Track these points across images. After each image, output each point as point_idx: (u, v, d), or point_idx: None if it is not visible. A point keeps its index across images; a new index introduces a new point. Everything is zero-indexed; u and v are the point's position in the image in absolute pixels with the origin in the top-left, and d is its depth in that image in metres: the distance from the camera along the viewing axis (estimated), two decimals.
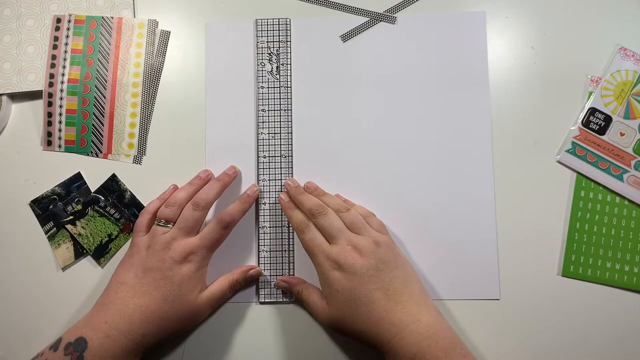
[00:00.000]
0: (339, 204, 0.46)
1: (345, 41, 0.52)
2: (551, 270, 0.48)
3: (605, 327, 0.47)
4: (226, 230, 0.47)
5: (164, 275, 0.43)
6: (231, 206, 0.47)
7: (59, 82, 0.52)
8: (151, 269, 0.44)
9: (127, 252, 0.46)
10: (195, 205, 0.46)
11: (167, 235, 0.45)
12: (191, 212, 0.46)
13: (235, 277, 0.47)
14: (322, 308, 0.44)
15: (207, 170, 0.50)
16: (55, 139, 0.52)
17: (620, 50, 0.51)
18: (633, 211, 0.49)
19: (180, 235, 0.45)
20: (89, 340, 0.41)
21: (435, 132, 0.51)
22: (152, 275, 0.43)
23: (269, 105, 0.52)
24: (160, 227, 0.45)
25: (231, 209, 0.47)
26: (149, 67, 0.53)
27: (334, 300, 0.42)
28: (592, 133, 0.50)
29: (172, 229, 0.45)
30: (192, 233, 0.46)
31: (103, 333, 0.42)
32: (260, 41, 0.53)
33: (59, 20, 0.53)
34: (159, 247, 0.44)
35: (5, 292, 0.50)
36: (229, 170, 0.49)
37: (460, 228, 0.49)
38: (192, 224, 0.46)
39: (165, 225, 0.46)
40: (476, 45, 0.52)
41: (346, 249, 0.42)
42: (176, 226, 0.45)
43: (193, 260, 0.45)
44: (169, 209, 0.46)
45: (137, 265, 0.44)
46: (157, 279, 0.43)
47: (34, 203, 0.51)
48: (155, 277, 0.43)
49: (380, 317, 0.40)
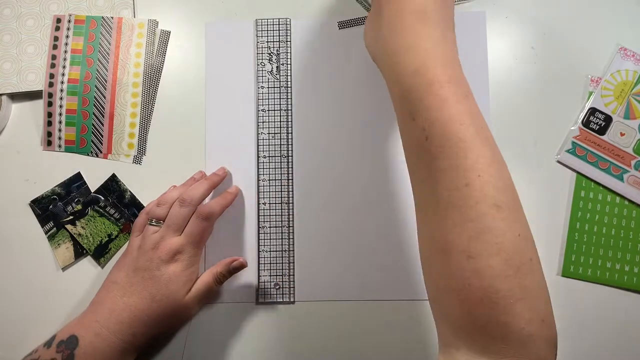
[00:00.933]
0: None
1: (341, 28, 0.52)
2: (551, 270, 0.48)
3: (605, 327, 0.47)
4: (206, 222, 0.47)
5: (152, 275, 0.44)
6: (211, 200, 0.48)
7: (59, 82, 0.52)
8: (140, 268, 0.44)
9: (124, 252, 0.47)
10: (182, 201, 0.46)
11: (156, 234, 0.45)
12: (178, 210, 0.46)
13: (218, 269, 0.48)
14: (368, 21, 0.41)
15: (201, 172, 0.50)
16: (55, 139, 0.52)
17: (620, 50, 0.51)
18: (633, 211, 0.49)
19: (168, 234, 0.45)
20: (80, 339, 0.42)
21: None
22: (141, 275, 0.44)
23: (269, 105, 0.52)
24: (152, 227, 0.46)
25: (211, 202, 0.48)
26: (149, 67, 0.53)
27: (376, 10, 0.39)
28: (592, 133, 0.50)
29: (161, 227, 0.46)
30: (180, 231, 0.46)
31: (93, 331, 0.42)
32: (260, 41, 0.53)
33: (59, 20, 0.53)
34: (148, 247, 0.45)
35: (5, 292, 0.50)
36: (219, 171, 0.50)
37: None
38: (179, 221, 0.46)
39: (157, 224, 0.46)
40: (476, 45, 0.52)
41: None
42: (165, 224, 0.46)
43: (180, 259, 0.45)
44: (159, 208, 0.47)
45: (128, 265, 0.45)
46: (145, 278, 0.44)
47: (34, 203, 0.51)
48: (144, 277, 0.44)
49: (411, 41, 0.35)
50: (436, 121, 0.33)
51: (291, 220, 0.50)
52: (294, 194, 0.51)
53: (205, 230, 0.47)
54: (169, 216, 0.46)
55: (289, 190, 0.51)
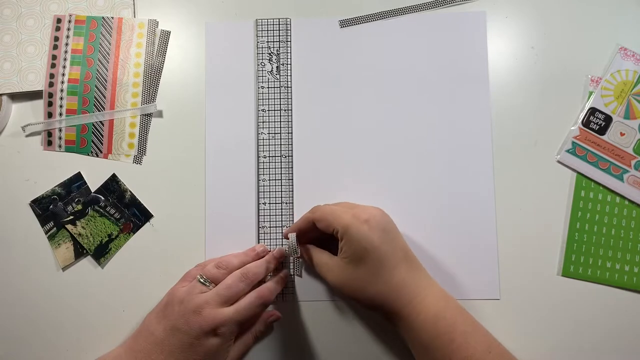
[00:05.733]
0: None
1: (343, 27, 0.52)
2: (551, 270, 0.48)
3: (605, 327, 0.47)
4: (264, 309, 0.45)
5: (191, 342, 0.42)
6: (272, 283, 0.46)
7: (59, 82, 0.52)
8: (179, 330, 0.42)
9: (164, 297, 0.45)
10: (244, 276, 0.45)
11: (202, 296, 0.43)
12: (237, 282, 0.44)
13: (258, 327, 0.47)
14: (337, 267, 0.43)
15: (263, 246, 0.49)
16: (55, 139, 0.52)
17: (621, 50, 0.51)
18: (633, 211, 0.49)
19: (215, 302, 0.43)
20: None
21: (435, 131, 0.51)
22: (180, 337, 0.42)
23: (269, 105, 0.52)
24: (200, 285, 0.44)
25: (272, 289, 0.46)
26: (149, 67, 0.53)
27: (357, 259, 0.42)
28: (592, 133, 0.50)
29: (210, 290, 0.44)
30: (228, 303, 0.43)
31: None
32: (260, 41, 0.53)
33: (59, 20, 0.53)
34: (190, 308, 0.42)
35: (5, 292, 0.50)
36: (276, 254, 0.48)
37: (461, 228, 0.49)
38: (232, 294, 0.44)
39: (207, 284, 0.44)
40: (476, 45, 0.52)
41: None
42: (215, 290, 0.44)
43: (221, 334, 0.42)
44: (217, 270, 0.45)
45: (167, 319, 0.43)
46: (184, 342, 0.42)
47: (34, 203, 0.51)
48: (182, 340, 0.42)
49: (401, 279, 0.42)
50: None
51: (291, 220, 0.50)
52: (294, 194, 0.51)
53: (258, 316, 0.47)
54: (225, 285, 0.44)
55: (289, 190, 0.51)
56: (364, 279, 0.42)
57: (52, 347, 0.49)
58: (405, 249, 0.43)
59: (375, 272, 0.41)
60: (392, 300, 0.41)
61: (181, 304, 0.43)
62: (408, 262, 0.43)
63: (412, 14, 0.53)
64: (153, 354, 0.42)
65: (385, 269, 0.41)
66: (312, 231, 0.46)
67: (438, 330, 0.40)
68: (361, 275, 0.42)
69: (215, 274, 0.45)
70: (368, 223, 0.42)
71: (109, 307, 0.49)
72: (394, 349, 0.48)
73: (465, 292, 0.48)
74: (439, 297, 0.42)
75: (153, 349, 0.42)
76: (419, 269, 0.43)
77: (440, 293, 0.42)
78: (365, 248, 0.41)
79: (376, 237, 0.41)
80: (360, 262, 0.42)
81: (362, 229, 0.42)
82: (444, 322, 0.40)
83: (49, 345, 0.49)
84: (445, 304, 0.41)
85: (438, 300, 0.41)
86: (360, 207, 0.45)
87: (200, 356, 0.42)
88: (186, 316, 0.42)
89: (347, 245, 0.42)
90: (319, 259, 0.46)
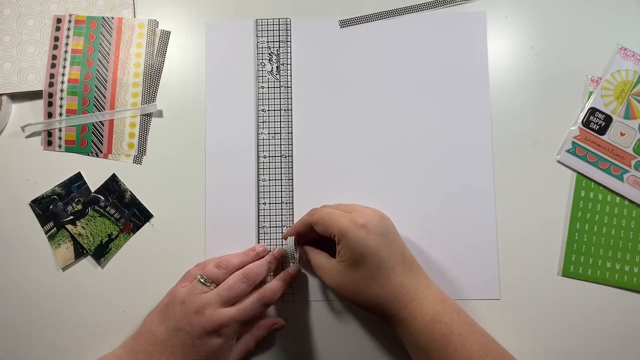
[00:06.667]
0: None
1: (343, 27, 0.52)
2: (551, 270, 0.49)
3: (605, 327, 0.47)
4: (266, 309, 0.45)
5: (193, 342, 0.42)
6: (274, 284, 0.46)
7: (59, 82, 0.52)
8: (181, 330, 0.42)
9: (165, 297, 0.46)
10: (246, 277, 0.44)
11: (204, 297, 0.43)
12: (238, 283, 0.44)
13: (260, 333, 0.47)
14: (334, 270, 0.43)
15: (263, 246, 0.49)
16: (55, 139, 0.52)
17: (621, 50, 0.51)
18: (633, 211, 0.49)
19: (216, 302, 0.43)
20: None
21: (435, 131, 0.51)
22: (181, 338, 0.42)
23: (269, 105, 0.52)
24: (201, 285, 0.44)
25: (275, 288, 0.45)
26: (149, 67, 0.53)
27: (354, 263, 0.42)
28: (592, 133, 0.50)
29: (212, 291, 0.44)
30: (229, 304, 0.43)
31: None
32: (260, 41, 0.53)
33: (59, 20, 0.53)
34: (192, 309, 0.42)
35: (5, 292, 0.50)
36: (277, 254, 0.48)
37: (461, 228, 0.49)
38: (234, 294, 0.44)
39: (207, 284, 0.44)
40: (476, 45, 0.52)
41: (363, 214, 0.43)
42: (217, 290, 0.43)
43: (224, 334, 0.42)
44: (217, 270, 0.45)
45: (169, 320, 0.43)
46: (186, 343, 0.42)
47: (34, 203, 0.51)
48: (184, 340, 0.42)
49: (398, 282, 0.41)
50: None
51: (291, 220, 0.50)
52: (294, 194, 0.51)
53: (260, 316, 0.46)
54: (226, 285, 0.44)
55: (289, 190, 0.51)
56: (361, 282, 0.42)
57: (52, 347, 0.49)
58: (403, 251, 0.43)
59: (372, 276, 0.41)
60: (389, 304, 0.41)
61: (182, 304, 0.43)
62: (406, 265, 0.43)
63: (412, 14, 0.53)
64: (155, 355, 0.42)
65: (382, 272, 0.41)
66: (311, 233, 0.46)
67: (435, 333, 0.40)
68: (358, 279, 0.42)
69: (215, 274, 0.45)
70: (365, 228, 0.42)
71: (109, 307, 0.49)
72: (393, 350, 0.48)
73: (465, 292, 0.48)
74: (436, 300, 0.42)
75: (154, 350, 0.42)
76: (417, 271, 0.43)
77: (438, 296, 0.42)
78: (362, 253, 0.41)
79: (373, 242, 0.41)
80: (357, 266, 0.42)
81: (359, 233, 0.42)
82: (440, 325, 0.40)
83: (49, 345, 0.49)
84: (443, 307, 0.41)
85: (435, 303, 0.41)
86: (358, 210, 0.44)
87: (202, 356, 0.42)
88: (188, 316, 0.42)
89: (344, 250, 0.42)
90: (317, 261, 0.46)
